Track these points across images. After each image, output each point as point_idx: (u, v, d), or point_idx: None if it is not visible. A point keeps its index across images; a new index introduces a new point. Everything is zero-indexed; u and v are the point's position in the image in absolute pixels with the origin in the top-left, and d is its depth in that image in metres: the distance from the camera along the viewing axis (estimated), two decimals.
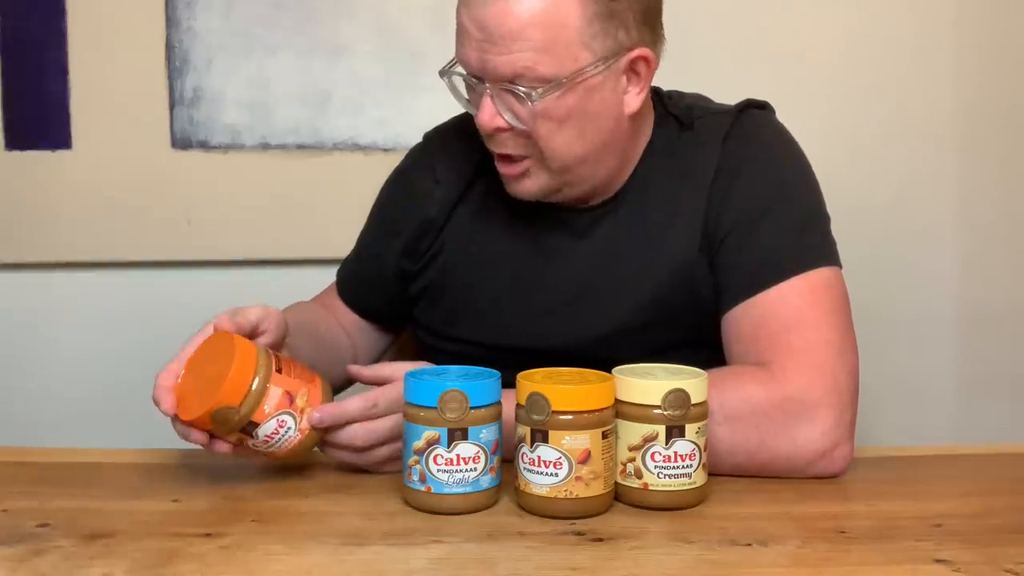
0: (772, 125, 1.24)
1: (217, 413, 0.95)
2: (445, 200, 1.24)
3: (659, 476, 0.94)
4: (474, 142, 1.21)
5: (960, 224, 1.89)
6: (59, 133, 1.77)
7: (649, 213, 1.19)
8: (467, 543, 0.87)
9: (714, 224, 1.16)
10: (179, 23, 1.76)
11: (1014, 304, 1.90)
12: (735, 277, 1.13)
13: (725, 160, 1.17)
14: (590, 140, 1.13)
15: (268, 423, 0.98)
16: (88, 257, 1.80)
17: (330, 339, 1.30)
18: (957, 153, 1.88)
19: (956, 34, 1.85)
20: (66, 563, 0.82)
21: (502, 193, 1.20)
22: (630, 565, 0.83)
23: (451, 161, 1.26)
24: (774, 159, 1.20)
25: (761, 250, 1.13)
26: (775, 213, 1.15)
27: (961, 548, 0.86)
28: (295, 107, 1.78)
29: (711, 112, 1.22)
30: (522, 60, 1.06)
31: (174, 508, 0.96)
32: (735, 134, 1.19)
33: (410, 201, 1.27)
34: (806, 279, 1.11)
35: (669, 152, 1.20)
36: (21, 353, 1.83)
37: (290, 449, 1.00)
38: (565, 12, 1.06)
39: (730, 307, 1.13)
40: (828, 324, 1.09)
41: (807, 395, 1.04)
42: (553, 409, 0.91)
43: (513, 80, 1.07)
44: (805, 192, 1.19)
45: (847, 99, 1.85)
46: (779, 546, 0.87)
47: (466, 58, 1.10)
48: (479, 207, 1.24)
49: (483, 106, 1.10)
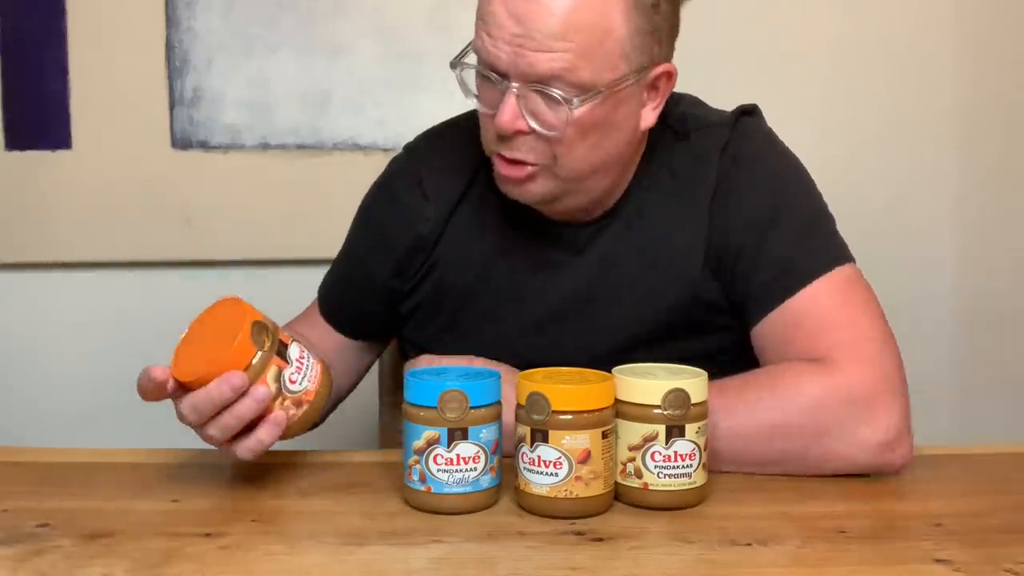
0: (763, 132, 1.22)
1: (254, 325, 0.94)
2: (436, 217, 1.20)
3: (659, 476, 0.94)
4: (463, 152, 1.18)
5: (959, 223, 1.89)
6: (59, 133, 1.77)
7: (648, 228, 1.16)
8: (467, 543, 0.87)
9: (722, 241, 1.14)
10: (179, 23, 1.76)
11: (1014, 304, 1.90)
12: (758, 290, 1.11)
13: (723, 174, 1.15)
14: (605, 152, 1.10)
15: (293, 346, 0.97)
16: (88, 257, 1.80)
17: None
18: (955, 153, 1.88)
19: (954, 33, 1.85)
20: (66, 563, 0.82)
21: (496, 207, 1.17)
22: (630, 565, 0.83)
23: (440, 174, 1.21)
24: (772, 168, 1.18)
25: (778, 259, 1.11)
26: (784, 221, 1.13)
27: (961, 548, 0.86)
28: (295, 107, 1.78)
29: (707, 124, 1.19)
30: (561, 61, 1.01)
31: (174, 508, 0.96)
32: (732, 148, 1.17)
33: (399, 218, 1.22)
34: (829, 279, 1.10)
35: (666, 165, 1.17)
36: (21, 353, 1.83)
37: (315, 389, 0.99)
38: (612, 20, 1.02)
39: (759, 320, 1.11)
40: (863, 320, 1.08)
41: (863, 387, 1.02)
42: (553, 409, 0.91)
43: (547, 82, 1.02)
44: (808, 196, 1.18)
45: (846, 99, 1.85)
46: (779, 546, 0.87)
47: (491, 51, 1.04)
48: (472, 222, 1.20)
49: (505, 105, 1.04)
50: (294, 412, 0.97)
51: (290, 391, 0.97)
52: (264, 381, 0.95)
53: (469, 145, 1.17)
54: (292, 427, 0.98)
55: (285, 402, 0.97)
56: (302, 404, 0.98)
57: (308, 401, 0.98)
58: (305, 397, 0.98)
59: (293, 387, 0.97)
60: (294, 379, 0.97)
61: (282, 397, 0.96)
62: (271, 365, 0.95)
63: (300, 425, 0.99)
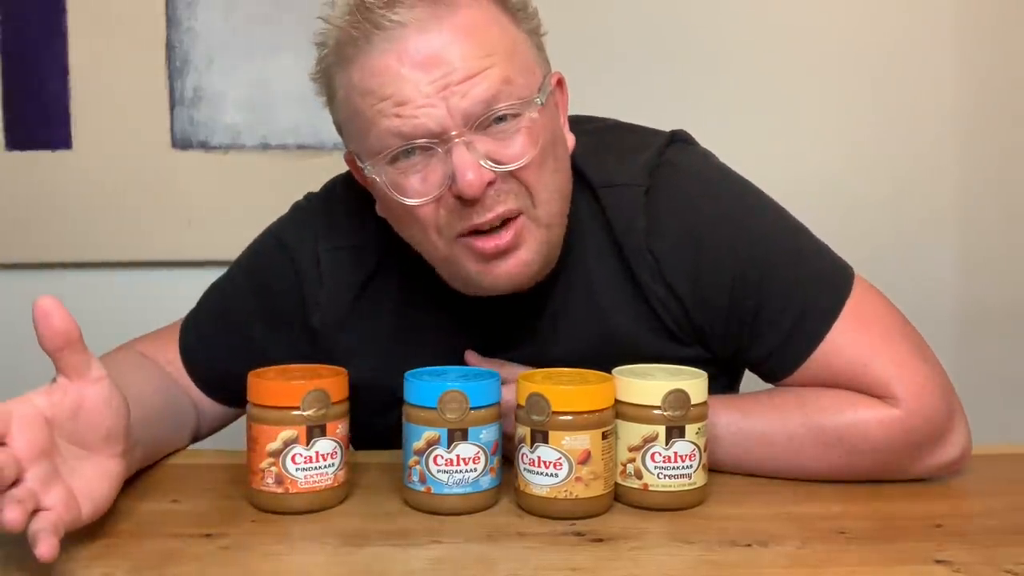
0: (696, 173, 1.08)
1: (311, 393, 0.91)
2: (331, 307, 1.09)
3: (659, 476, 0.94)
4: (358, 237, 1.08)
5: (959, 223, 1.89)
6: (59, 133, 1.77)
7: (584, 292, 1.06)
8: (467, 543, 0.87)
9: (696, 308, 1.04)
10: (179, 23, 1.76)
11: (1014, 303, 1.90)
12: (773, 355, 1.04)
13: (662, 243, 1.03)
14: (563, 177, 1.01)
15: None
16: (88, 257, 1.80)
17: (175, 416, 1.10)
18: (956, 152, 1.88)
19: (956, 32, 1.85)
20: (66, 563, 0.82)
21: (396, 296, 1.08)
22: (630, 565, 0.83)
23: (339, 253, 1.09)
24: (730, 212, 1.05)
25: (785, 319, 1.02)
26: (772, 274, 1.03)
27: (961, 548, 0.86)
28: (295, 107, 1.78)
29: (614, 184, 1.05)
30: (494, 75, 0.93)
31: (174, 508, 0.96)
32: (654, 212, 1.04)
33: (291, 303, 1.11)
34: (843, 317, 1.02)
35: (586, 231, 1.05)
36: (21, 353, 1.83)
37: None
38: (507, 27, 0.97)
39: (784, 377, 1.04)
40: (895, 338, 1.03)
41: (929, 423, 1.00)
42: (553, 410, 0.91)
43: (491, 105, 0.94)
44: (776, 220, 1.07)
45: (846, 99, 1.85)
46: (779, 546, 0.87)
47: (414, 120, 0.93)
48: (376, 309, 1.09)
49: (461, 164, 0.92)
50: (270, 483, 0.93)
51: (290, 473, 0.92)
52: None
53: (361, 225, 1.08)
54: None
55: (267, 479, 0.93)
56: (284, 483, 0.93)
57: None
58: (292, 486, 0.93)
59: (293, 467, 0.92)
60: (297, 460, 0.92)
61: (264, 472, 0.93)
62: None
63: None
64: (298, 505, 0.93)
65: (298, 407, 0.92)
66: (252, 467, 0.94)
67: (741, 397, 1.07)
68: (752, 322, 1.04)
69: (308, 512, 0.93)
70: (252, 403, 0.94)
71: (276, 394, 0.92)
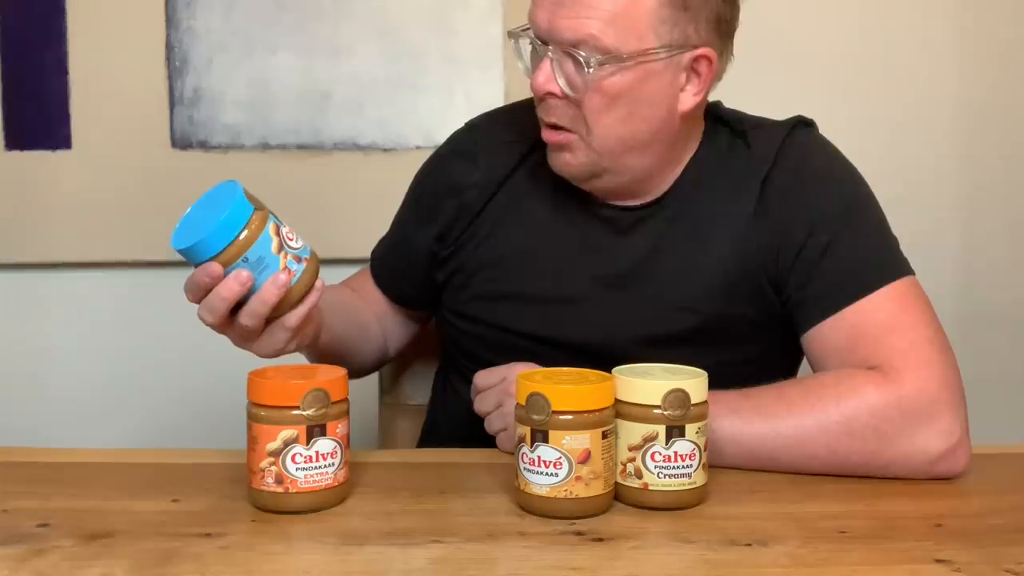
0: (826, 144, 1.23)
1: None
2: (484, 185, 1.24)
3: (659, 476, 0.94)
4: (520, 132, 1.22)
5: (962, 224, 1.89)
6: (59, 133, 1.77)
7: (695, 221, 1.18)
8: (467, 543, 0.87)
9: (779, 241, 1.15)
10: (179, 23, 1.76)
11: (1015, 304, 1.90)
12: (819, 292, 1.13)
13: (783, 175, 1.17)
14: (636, 127, 1.12)
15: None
16: (88, 257, 1.80)
17: (361, 320, 1.30)
18: (959, 153, 1.88)
19: (959, 33, 1.85)
20: (66, 563, 0.82)
21: (545, 183, 1.20)
22: (630, 565, 0.83)
23: (494, 149, 1.26)
24: (840, 176, 1.20)
25: (845, 264, 1.13)
26: (853, 228, 1.15)
27: (961, 548, 0.86)
28: (295, 107, 1.78)
29: (762, 124, 1.21)
30: (587, 27, 1.07)
31: (174, 508, 0.96)
32: (789, 151, 1.18)
33: (447, 188, 1.26)
34: (892, 288, 1.11)
35: (720, 161, 1.19)
36: (21, 353, 1.83)
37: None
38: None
39: (816, 322, 1.12)
40: (924, 324, 1.09)
41: (924, 394, 1.04)
42: (553, 409, 0.91)
43: (576, 46, 1.08)
44: (874, 207, 1.19)
45: (848, 100, 1.85)
46: (779, 546, 0.87)
47: (536, 19, 1.11)
48: (518, 195, 1.23)
49: (541, 68, 1.11)
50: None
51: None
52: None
53: (528, 125, 1.20)
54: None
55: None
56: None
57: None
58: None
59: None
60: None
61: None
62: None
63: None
64: (298, 505, 0.93)
65: (298, 407, 0.92)
66: (252, 467, 0.94)
67: (740, 396, 1.07)
68: (817, 259, 1.13)
69: (308, 512, 0.93)
70: (252, 402, 0.94)
71: (276, 393, 0.92)
